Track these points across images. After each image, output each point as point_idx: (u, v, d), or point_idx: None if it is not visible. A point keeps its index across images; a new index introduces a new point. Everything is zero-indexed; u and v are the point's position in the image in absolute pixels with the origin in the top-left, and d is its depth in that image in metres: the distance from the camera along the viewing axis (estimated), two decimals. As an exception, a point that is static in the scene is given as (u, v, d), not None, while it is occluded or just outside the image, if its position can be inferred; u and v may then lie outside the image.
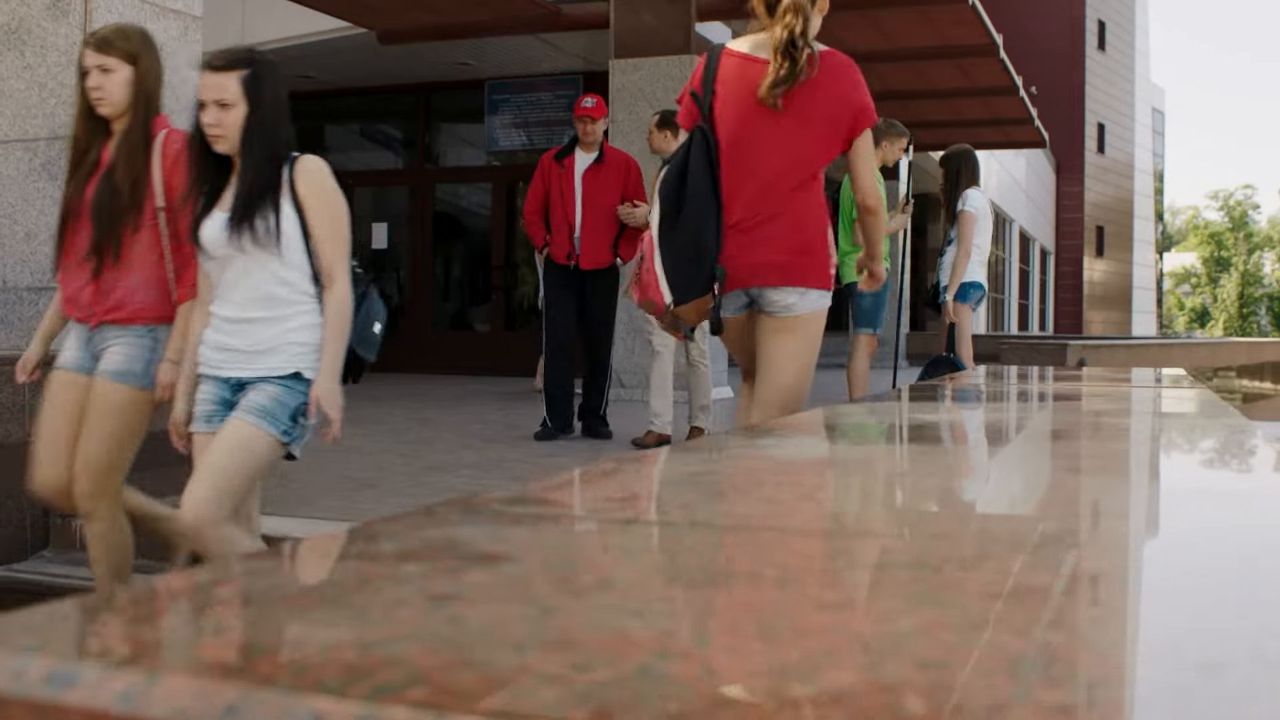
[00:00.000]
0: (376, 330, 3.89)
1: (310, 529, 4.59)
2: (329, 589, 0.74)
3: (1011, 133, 18.19)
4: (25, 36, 5.07)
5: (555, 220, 7.77)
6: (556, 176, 7.75)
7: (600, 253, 7.70)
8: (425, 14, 11.84)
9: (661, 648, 0.59)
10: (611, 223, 7.72)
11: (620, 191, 7.72)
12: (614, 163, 7.77)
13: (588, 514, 1.04)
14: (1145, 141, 50.54)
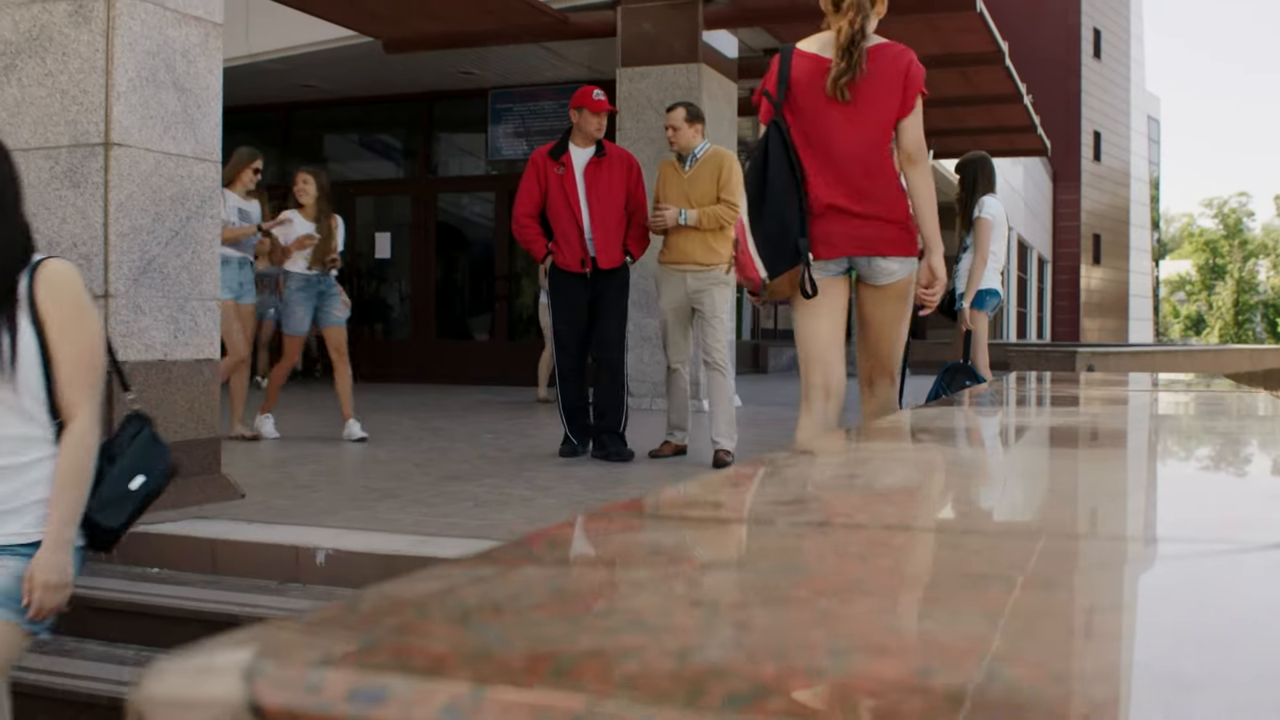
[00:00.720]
0: (135, 486, 3.11)
1: (339, 539, 4.55)
2: (572, 596, 0.71)
3: (1014, 140, 18.18)
4: (47, 44, 5.04)
5: (560, 224, 7.19)
6: (555, 176, 7.18)
7: (613, 251, 7.22)
8: (431, 22, 11.80)
9: (984, 650, 0.56)
10: (620, 219, 7.25)
11: (624, 188, 7.26)
12: (615, 158, 7.31)
13: (772, 516, 1.01)
14: (1141, 149, 50.56)
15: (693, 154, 7.20)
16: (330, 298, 8.35)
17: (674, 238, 7.13)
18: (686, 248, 7.10)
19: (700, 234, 7.08)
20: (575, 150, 7.23)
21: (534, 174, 7.21)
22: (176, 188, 5.27)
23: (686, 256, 7.12)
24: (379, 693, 0.47)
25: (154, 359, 5.16)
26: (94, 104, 4.98)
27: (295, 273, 8.25)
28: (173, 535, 4.68)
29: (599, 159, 7.21)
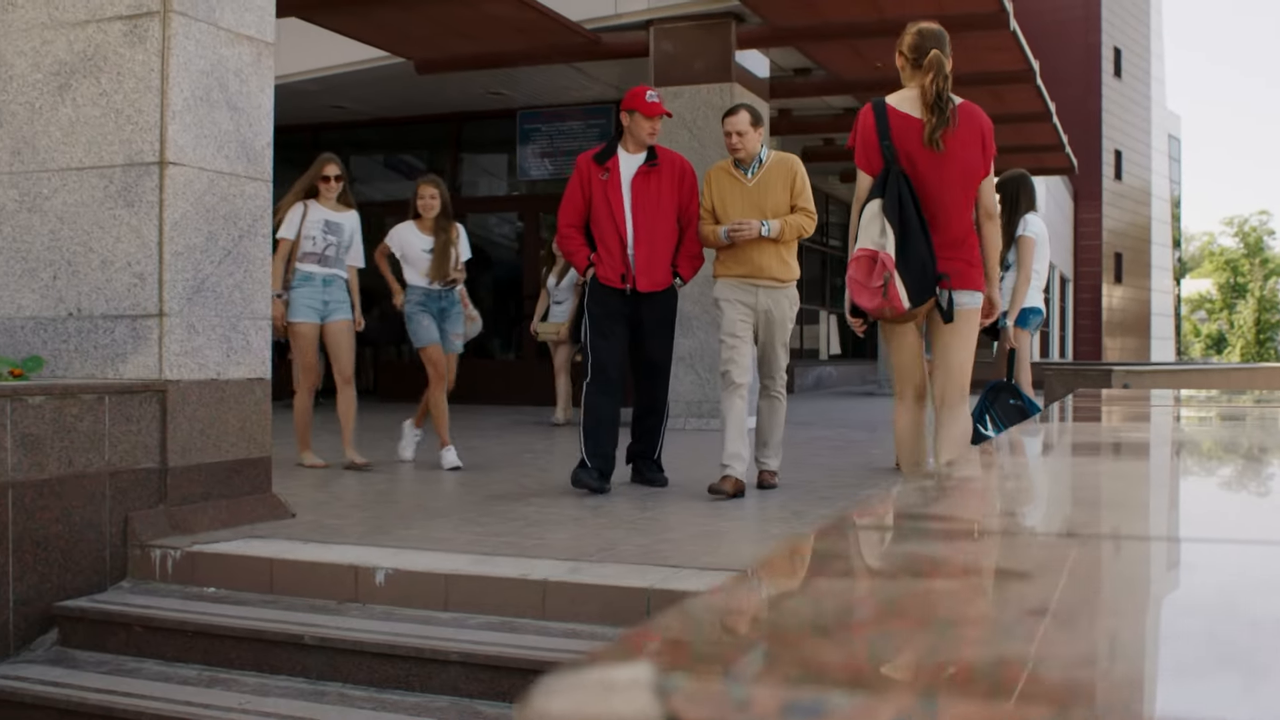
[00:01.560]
0: None
1: (398, 559, 4.52)
2: (907, 607, 0.68)
3: (1042, 159, 18.14)
4: (101, 64, 5.05)
5: (603, 235, 6.60)
6: (599, 182, 6.59)
7: (658, 271, 6.57)
8: (464, 43, 11.83)
9: None
10: (669, 236, 6.60)
11: (675, 200, 6.60)
12: (667, 165, 6.62)
13: (1011, 528, 0.98)
14: (1162, 168, 50.44)
15: (757, 159, 6.54)
16: (452, 317, 7.88)
17: (744, 250, 6.42)
18: (760, 260, 6.43)
19: (775, 246, 6.43)
20: (624, 156, 6.63)
21: (578, 180, 6.66)
22: (229, 207, 5.27)
23: (761, 270, 6.43)
24: (816, 707, 0.44)
25: (207, 378, 5.16)
26: (149, 123, 4.98)
27: (413, 285, 7.78)
28: (229, 555, 4.66)
29: (649, 167, 6.58)
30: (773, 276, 6.45)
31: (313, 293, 7.53)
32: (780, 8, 11.13)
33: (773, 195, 6.45)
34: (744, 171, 6.52)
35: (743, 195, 6.47)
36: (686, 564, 4.45)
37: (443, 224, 7.80)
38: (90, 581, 4.65)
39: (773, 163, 6.55)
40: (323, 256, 7.57)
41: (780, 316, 6.51)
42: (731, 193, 6.50)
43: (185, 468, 5.06)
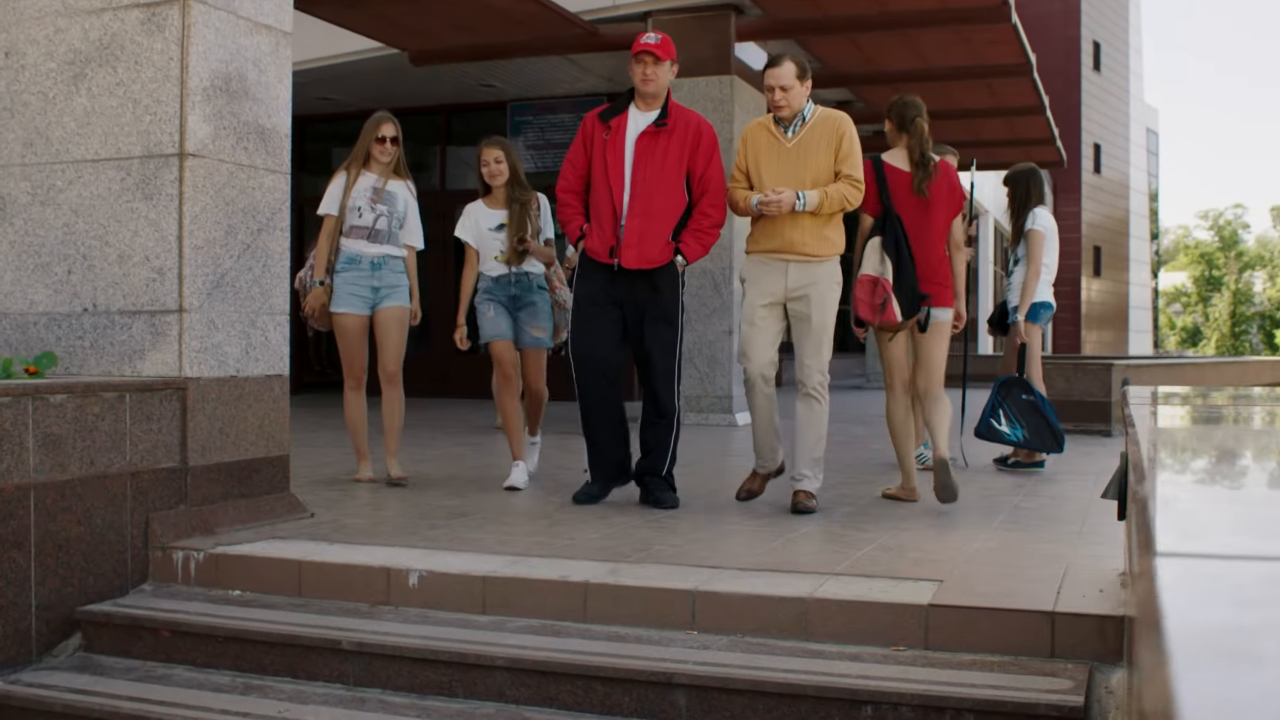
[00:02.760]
0: None
1: (431, 560, 4.41)
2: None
3: (1031, 153, 18.05)
4: (118, 53, 4.91)
5: (597, 201, 5.83)
6: (600, 142, 5.83)
7: (651, 246, 5.73)
8: (461, 34, 11.70)
9: None
10: (671, 207, 5.77)
11: (683, 165, 5.78)
12: (680, 126, 5.80)
13: None
14: (1140, 162, 50.56)
15: (800, 116, 5.77)
16: (528, 306, 6.56)
17: (775, 221, 5.68)
18: (792, 234, 5.67)
19: (812, 219, 5.66)
20: (633, 114, 5.85)
21: (581, 139, 5.92)
22: (248, 200, 5.14)
23: (792, 245, 5.68)
24: None
25: (226, 375, 5.04)
26: (168, 114, 4.85)
27: (481, 274, 6.63)
28: (255, 557, 4.55)
29: (659, 128, 5.77)
30: (804, 252, 5.69)
31: (359, 277, 6.48)
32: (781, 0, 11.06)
33: (814, 159, 5.69)
34: (784, 130, 5.77)
35: (780, 158, 5.73)
36: (725, 564, 4.37)
37: (516, 194, 6.57)
38: (112, 585, 4.53)
39: (817, 120, 5.77)
40: (373, 231, 6.46)
41: (817, 297, 5.69)
42: (768, 154, 5.76)
43: (205, 467, 4.94)
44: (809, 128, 5.75)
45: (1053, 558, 4.65)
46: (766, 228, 5.75)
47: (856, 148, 5.75)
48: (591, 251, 5.80)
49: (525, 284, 6.58)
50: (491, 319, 6.51)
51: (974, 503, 6.23)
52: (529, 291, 6.57)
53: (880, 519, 5.57)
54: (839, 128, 5.74)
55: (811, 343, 5.73)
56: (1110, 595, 3.99)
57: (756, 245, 5.82)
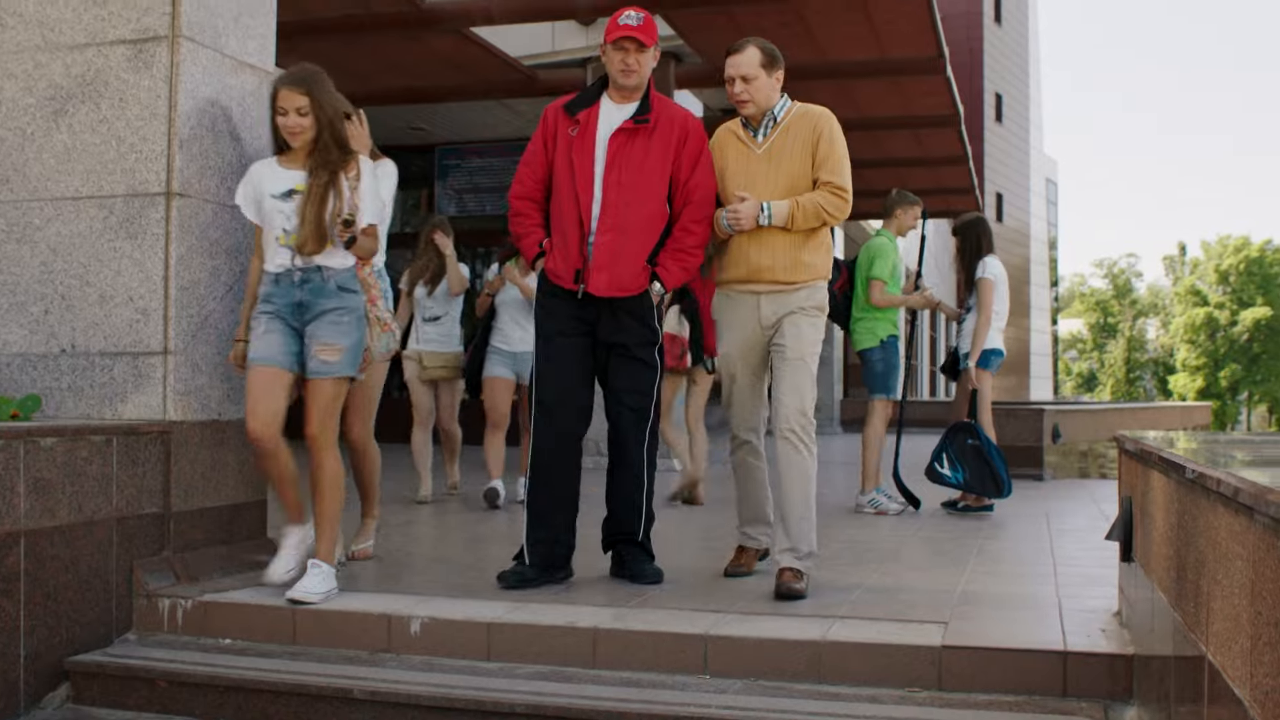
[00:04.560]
0: None
1: (432, 607, 4.36)
2: None
3: (951, 201, 18.46)
4: (102, 89, 4.82)
5: (560, 212, 4.84)
6: (566, 140, 4.83)
7: (624, 269, 4.76)
8: (398, 77, 11.67)
9: None
10: (649, 221, 4.80)
11: (667, 169, 4.80)
12: (664, 123, 4.82)
13: None
14: (1040, 211, 51.89)
15: (770, 115, 4.85)
16: (320, 317, 4.61)
17: (740, 244, 4.82)
18: (759, 258, 4.79)
19: (785, 237, 4.76)
20: (607, 106, 4.87)
21: (541, 136, 4.93)
22: (232, 240, 5.06)
23: (759, 272, 4.80)
24: None
25: (209, 418, 4.93)
26: (154, 152, 4.77)
27: (264, 267, 4.72)
28: (247, 605, 4.44)
29: (639, 124, 4.78)
30: (774, 279, 4.81)
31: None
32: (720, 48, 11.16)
33: (789, 164, 4.78)
34: (753, 133, 4.88)
35: (748, 165, 4.83)
36: (727, 608, 4.36)
37: (329, 155, 4.64)
38: (96, 634, 4.39)
39: (792, 119, 4.84)
40: None
41: (793, 326, 4.80)
42: (735, 162, 4.87)
43: (188, 512, 4.82)
44: (782, 128, 4.83)
45: (1041, 599, 4.73)
46: (732, 253, 4.88)
47: (839, 148, 4.81)
48: (553, 274, 4.83)
49: (317, 285, 4.56)
50: (261, 337, 4.57)
51: (941, 546, 6.30)
52: (322, 295, 4.56)
53: (857, 562, 5.61)
54: (816, 125, 4.81)
55: (789, 379, 4.77)
56: (1114, 635, 4.06)
57: (724, 275, 4.96)
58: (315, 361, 4.57)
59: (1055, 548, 6.25)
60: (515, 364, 7.84)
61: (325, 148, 4.62)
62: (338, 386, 4.64)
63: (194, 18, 4.85)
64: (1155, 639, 3.29)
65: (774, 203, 4.73)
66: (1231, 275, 61.35)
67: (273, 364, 4.54)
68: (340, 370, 4.60)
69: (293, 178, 4.62)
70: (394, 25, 10.00)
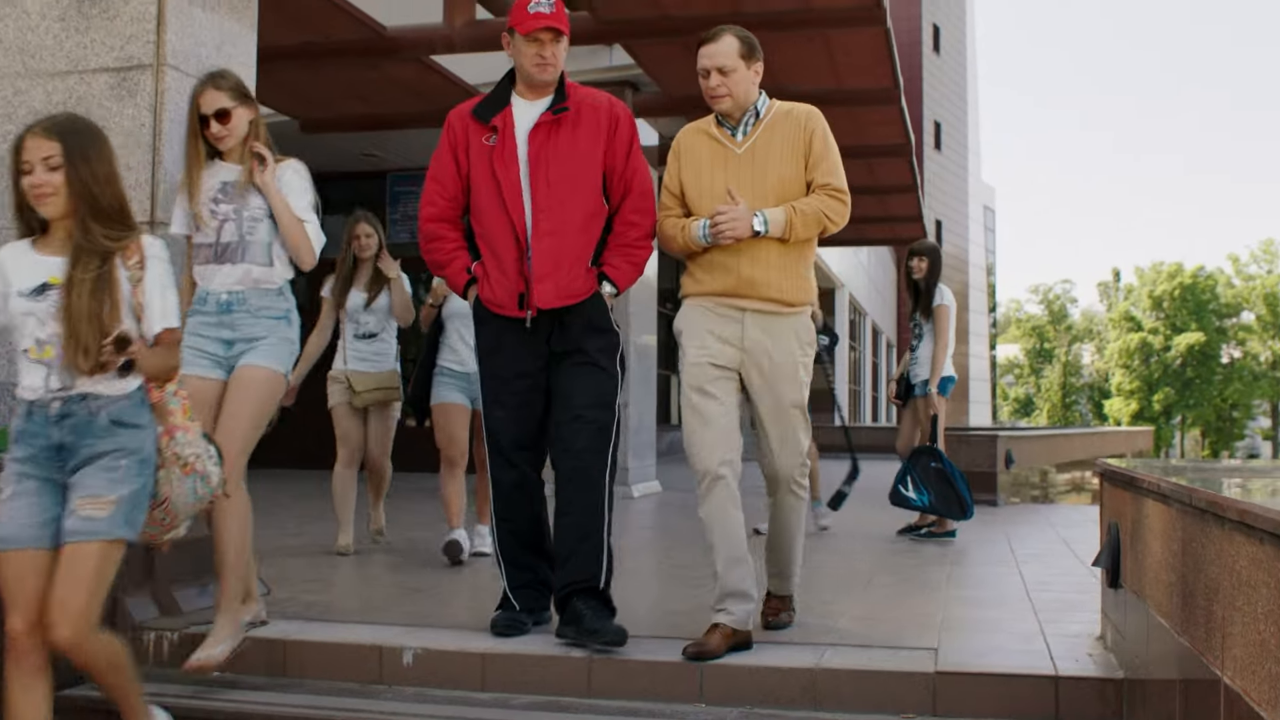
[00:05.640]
0: None
1: (424, 638, 4.34)
2: None
3: (897, 229, 18.68)
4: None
5: (489, 232, 4.31)
6: (481, 148, 4.31)
7: (571, 274, 4.27)
8: (358, 104, 11.64)
9: None
10: (588, 217, 4.33)
11: (598, 160, 4.33)
12: (588, 110, 4.34)
13: None
14: (978, 237, 52.64)
15: (751, 111, 4.30)
16: (91, 463, 3.31)
17: (727, 253, 4.20)
18: (752, 270, 4.20)
19: (777, 248, 4.18)
20: (520, 105, 4.33)
21: (449, 149, 4.41)
22: (213, 269, 5.03)
23: (752, 285, 4.21)
24: None
25: (191, 449, 4.88)
26: (139, 180, 4.73)
27: (19, 389, 3.49)
28: (236, 636, 4.40)
29: (558, 114, 4.28)
30: (769, 296, 4.23)
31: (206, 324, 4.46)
32: (679, 77, 11.23)
33: (776, 167, 4.23)
34: (731, 131, 4.31)
35: (728, 167, 4.26)
36: (717, 637, 4.38)
37: (86, 237, 3.37)
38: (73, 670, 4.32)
39: (776, 116, 4.31)
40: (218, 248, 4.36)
41: (783, 360, 4.26)
42: (712, 165, 4.30)
43: (171, 544, 4.76)
44: (765, 126, 4.30)
45: (1023, 625, 4.79)
46: (714, 261, 4.25)
47: (834, 148, 4.30)
48: (491, 302, 4.31)
49: (83, 420, 3.33)
50: (6, 503, 3.31)
51: (911, 574, 6.37)
52: (89, 434, 3.33)
53: (836, 590, 5.65)
54: (807, 123, 4.29)
55: (782, 426, 4.29)
56: (1101, 659, 4.13)
57: (699, 286, 4.31)
58: (74, 519, 3.25)
59: (1025, 573, 6.34)
60: (470, 386, 6.48)
61: (84, 224, 3.34)
62: (106, 553, 3.27)
63: (178, 46, 4.83)
64: (1154, 664, 3.35)
65: (769, 211, 4.13)
66: (1165, 301, 62.50)
67: (25, 546, 3.26)
68: (109, 531, 3.27)
69: (48, 267, 3.37)
70: (355, 52, 9.98)
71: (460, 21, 9.65)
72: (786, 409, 4.29)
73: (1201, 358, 61.47)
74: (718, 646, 4.08)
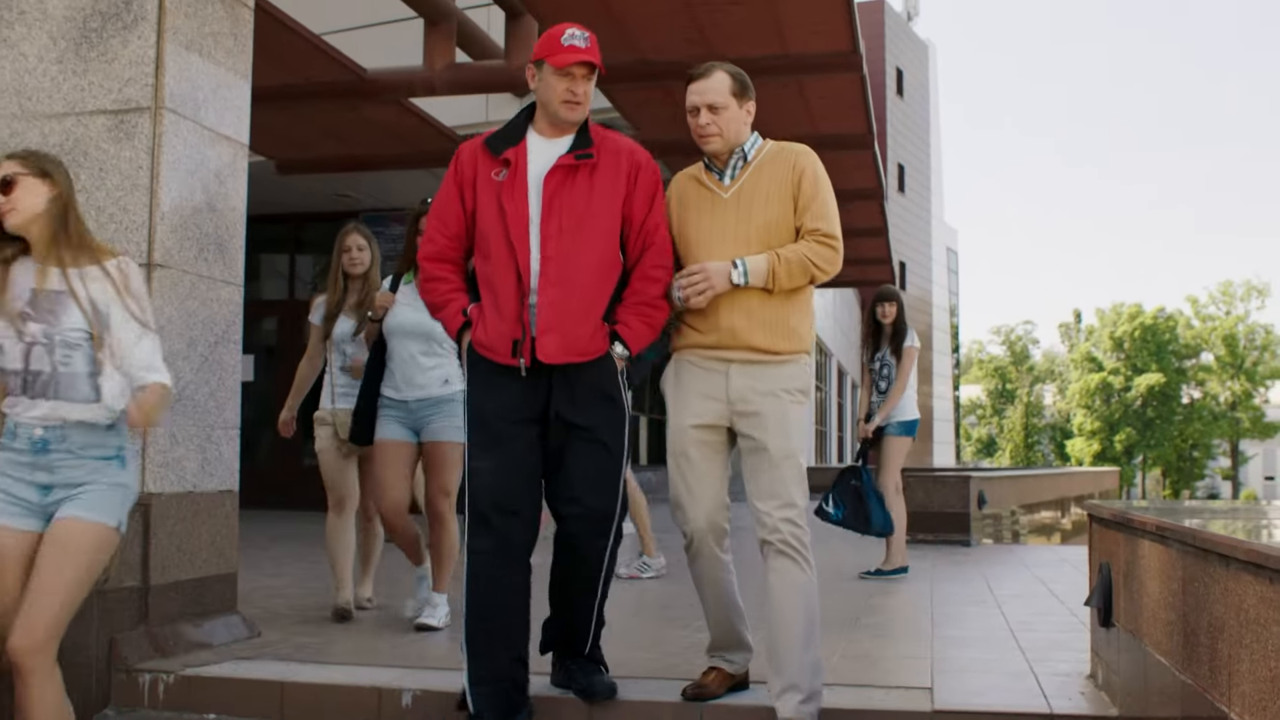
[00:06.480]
0: None
1: (423, 679, 4.35)
2: None
3: (867, 272, 18.82)
4: (81, 159, 4.81)
5: (491, 273, 3.97)
6: (490, 184, 3.96)
7: (577, 330, 3.92)
8: (335, 145, 11.68)
9: None
10: (603, 271, 3.99)
11: (617, 211, 3.98)
12: (608, 156, 3.98)
13: None
14: (941, 279, 53.07)
15: (739, 153, 4.05)
16: None
17: (710, 303, 3.95)
18: (733, 319, 3.94)
19: (764, 296, 3.91)
20: (536, 142, 4.00)
21: (455, 183, 4.05)
22: (208, 312, 5.05)
23: (734, 336, 3.95)
24: None
25: (184, 490, 4.89)
26: (135, 223, 4.76)
27: None
28: (232, 679, 4.39)
29: (579, 159, 3.94)
30: (753, 346, 3.96)
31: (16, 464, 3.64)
32: (655, 121, 11.35)
33: (761, 210, 3.97)
34: (719, 176, 4.07)
35: (714, 213, 4.02)
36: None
37: None
38: (78, 711, 4.27)
39: (765, 158, 4.05)
40: (27, 376, 3.51)
41: (775, 415, 3.94)
42: (698, 211, 4.05)
43: (164, 585, 4.77)
44: (754, 169, 4.04)
45: (1012, 664, 4.85)
46: (697, 314, 4.01)
47: (825, 190, 3.98)
48: (482, 345, 3.96)
49: None
50: None
51: (894, 614, 6.43)
52: None
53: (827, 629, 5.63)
54: (796, 163, 4.00)
55: (773, 480, 3.93)
56: (1093, 697, 4.19)
57: (686, 340, 4.08)
58: None
59: (1006, 613, 6.40)
60: (411, 418, 5.57)
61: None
62: None
63: (176, 90, 4.87)
64: (1153, 701, 3.41)
65: (748, 259, 3.88)
66: (1126, 342, 63.16)
67: None
68: None
69: None
70: (335, 94, 10.03)
71: (440, 64, 9.72)
72: (776, 461, 3.91)
73: (1162, 398, 62.10)
74: (717, 687, 4.10)
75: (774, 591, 3.89)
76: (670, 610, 6.25)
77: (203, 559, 5.02)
